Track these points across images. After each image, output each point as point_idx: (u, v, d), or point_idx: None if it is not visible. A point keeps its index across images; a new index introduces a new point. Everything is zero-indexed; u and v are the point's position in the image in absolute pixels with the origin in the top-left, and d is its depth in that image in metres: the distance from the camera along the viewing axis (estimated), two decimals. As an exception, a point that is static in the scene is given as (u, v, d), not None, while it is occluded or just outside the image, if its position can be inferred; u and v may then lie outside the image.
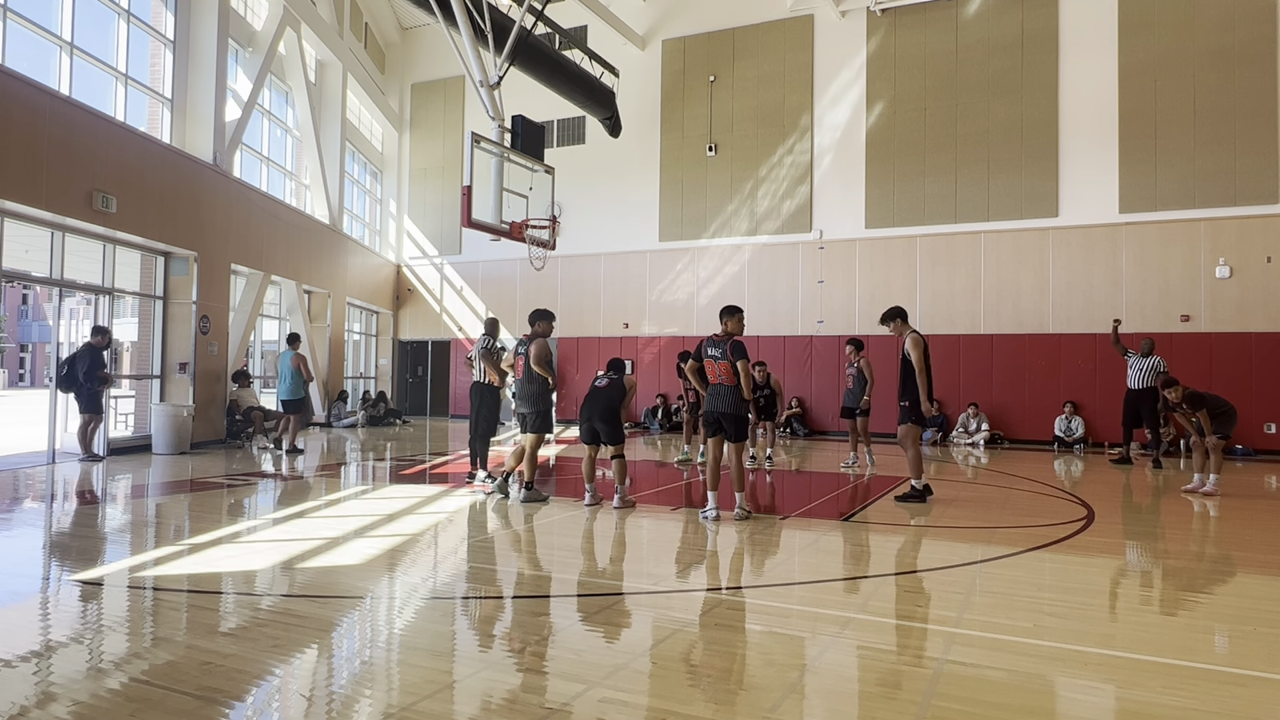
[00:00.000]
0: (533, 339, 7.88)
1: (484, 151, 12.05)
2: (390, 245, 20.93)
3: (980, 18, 15.57)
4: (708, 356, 7.10)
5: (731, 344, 7.00)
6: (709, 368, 7.09)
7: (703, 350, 7.18)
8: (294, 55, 16.31)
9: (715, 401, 7.03)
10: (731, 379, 6.97)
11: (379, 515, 7.09)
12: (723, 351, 7.00)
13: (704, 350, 7.15)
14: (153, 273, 12.58)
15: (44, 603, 4.45)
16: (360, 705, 3.07)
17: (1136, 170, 14.46)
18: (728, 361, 6.96)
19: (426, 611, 4.35)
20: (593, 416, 7.56)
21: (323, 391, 17.02)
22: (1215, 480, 8.61)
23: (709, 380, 7.14)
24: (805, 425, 16.32)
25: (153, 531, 6.48)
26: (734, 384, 6.97)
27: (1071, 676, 3.42)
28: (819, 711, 3.07)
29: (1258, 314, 13.66)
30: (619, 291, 18.34)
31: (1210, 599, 4.74)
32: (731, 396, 6.97)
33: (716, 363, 7.02)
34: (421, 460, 11.53)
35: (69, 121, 10.13)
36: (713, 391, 7.08)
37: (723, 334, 7.12)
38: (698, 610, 4.32)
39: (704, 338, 7.27)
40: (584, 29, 18.58)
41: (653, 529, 6.75)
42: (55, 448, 10.74)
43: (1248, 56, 13.78)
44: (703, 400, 7.27)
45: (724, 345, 7.02)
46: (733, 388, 6.97)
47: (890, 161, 16.14)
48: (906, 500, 7.87)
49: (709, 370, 7.10)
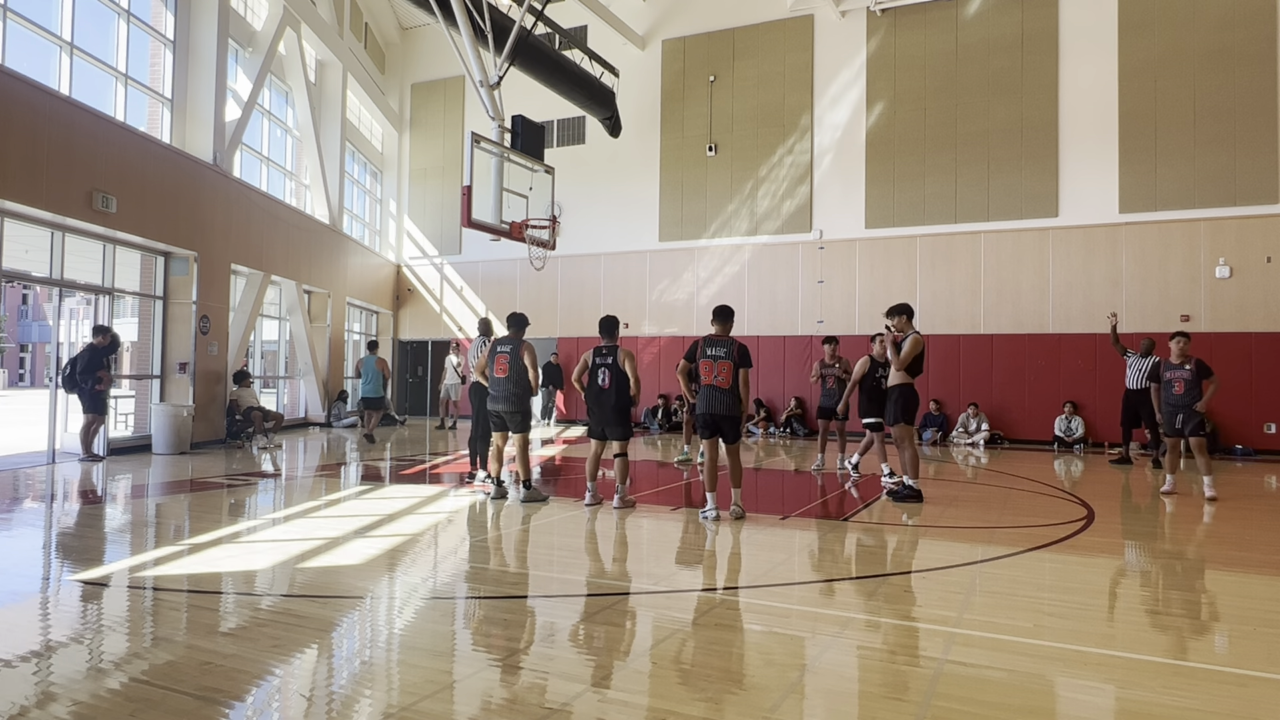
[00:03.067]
0: (519, 341, 7.86)
1: (484, 151, 12.06)
2: (390, 245, 20.93)
3: (980, 18, 15.57)
4: (706, 356, 7.01)
5: (738, 348, 6.95)
6: (706, 367, 6.99)
7: (699, 350, 7.10)
8: (294, 55, 16.31)
9: (711, 403, 6.97)
10: (728, 381, 6.94)
11: (379, 515, 7.09)
12: (727, 352, 6.95)
13: (701, 349, 7.07)
14: (153, 273, 12.58)
15: (44, 603, 4.45)
16: (360, 705, 3.07)
17: (1136, 170, 14.46)
18: (730, 363, 6.92)
19: (426, 611, 4.35)
20: (604, 417, 7.53)
21: (323, 392, 17.02)
22: (1209, 482, 8.26)
23: (703, 380, 7.03)
24: (805, 425, 16.32)
25: (153, 531, 6.48)
26: (729, 386, 6.93)
27: (1071, 676, 3.42)
28: (819, 711, 3.07)
29: (1258, 314, 13.66)
30: (619, 291, 18.34)
31: (1210, 599, 4.74)
32: (728, 398, 6.92)
33: (717, 362, 6.96)
34: (421, 460, 11.53)
35: (69, 121, 10.13)
36: (709, 393, 6.99)
37: (722, 334, 7.10)
38: (698, 610, 4.32)
39: (699, 338, 7.20)
40: (584, 29, 18.58)
41: (653, 529, 6.75)
42: (55, 448, 10.74)
43: (1248, 56, 13.78)
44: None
45: (729, 346, 6.96)
46: (729, 390, 6.93)
47: (890, 161, 16.14)
48: (903, 500, 7.87)
49: (705, 370, 7.00)
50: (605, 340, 7.64)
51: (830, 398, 10.30)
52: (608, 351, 7.55)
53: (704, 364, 7.02)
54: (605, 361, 7.52)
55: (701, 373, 7.04)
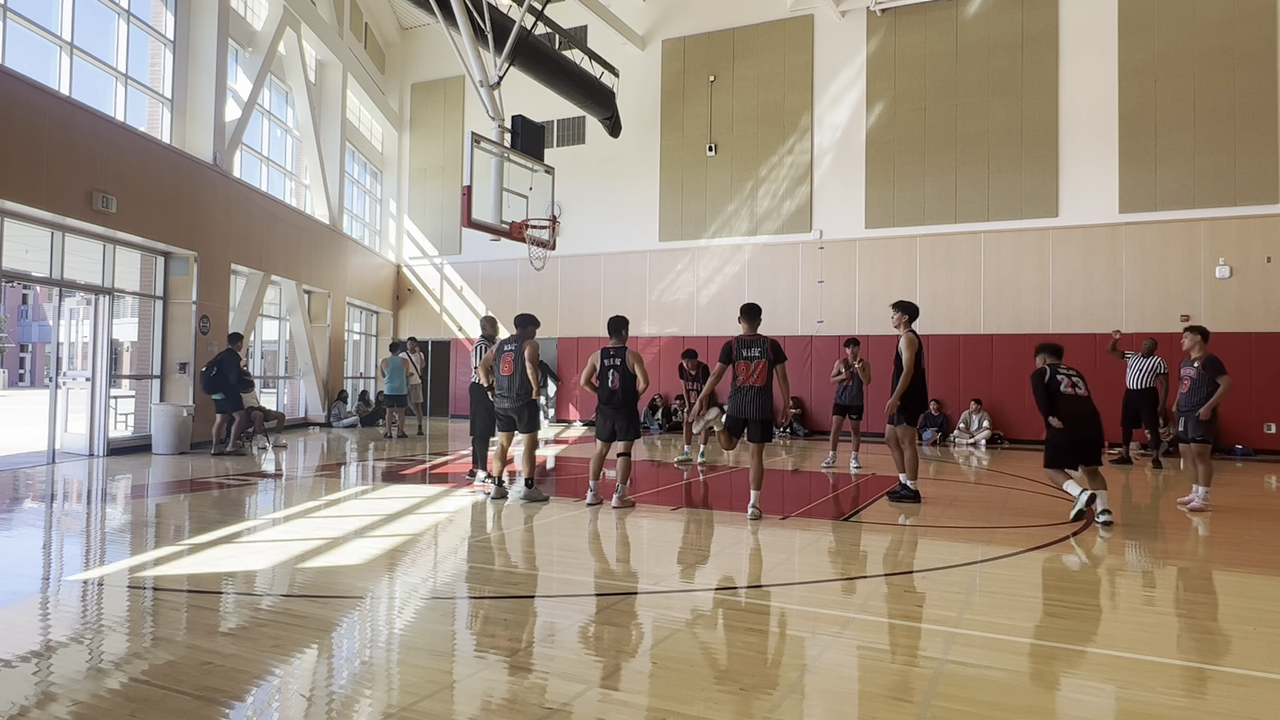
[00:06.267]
0: (524, 340, 7.87)
1: (484, 151, 12.05)
2: (390, 245, 20.92)
3: (980, 18, 15.57)
4: (743, 358, 6.95)
5: (772, 345, 6.96)
6: (743, 369, 6.94)
7: (734, 351, 7.00)
8: (294, 55, 16.31)
9: (743, 406, 6.95)
10: (763, 379, 6.93)
11: (379, 515, 7.09)
12: (761, 351, 6.94)
13: (737, 351, 6.99)
14: (153, 273, 12.58)
15: (44, 603, 4.45)
16: (360, 705, 3.07)
17: (1136, 170, 14.45)
18: (765, 361, 6.92)
19: (426, 611, 4.35)
20: (613, 418, 7.58)
21: (322, 392, 17.01)
22: (1204, 494, 7.74)
23: (739, 381, 6.97)
24: (805, 425, 16.32)
25: (153, 531, 6.48)
26: (765, 384, 6.94)
27: (1071, 676, 3.42)
28: (819, 711, 3.07)
29: (1258, 314, 13.66)
30: (619, 291, 18.33)
31: (1210, 599, 4.74)
32: (761, 399, 6.93)
33: (753, 363, 6.93)
34: (421, 460, 11.53)
35: (69, 121, 10.13)
36: (742, 394, 6.96)
37: (752, 333, 7.09)
38: (698, 610, 4.32)
39: (732, 338, 7.13)
40: (584, 29, 18.58)
41: (653, 529, 6.75)
42: (55, 448, 10.74)
43: (1248, 56, 13.78)
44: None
45: (762, 345, 6.95)
46: (763, 388, 6.93)
47: (890, 161, 16.14)
48: (900, 500, 7.88)
49: (742, 371, 6.95)
50: (614, 340, 7.67)
51: (846, 395, 10.70)
52: (615, 353, 7.59)
53: (740, 365, 7.00)
54: (613, 364, 7.56)
55: (739, 373, 7.00)
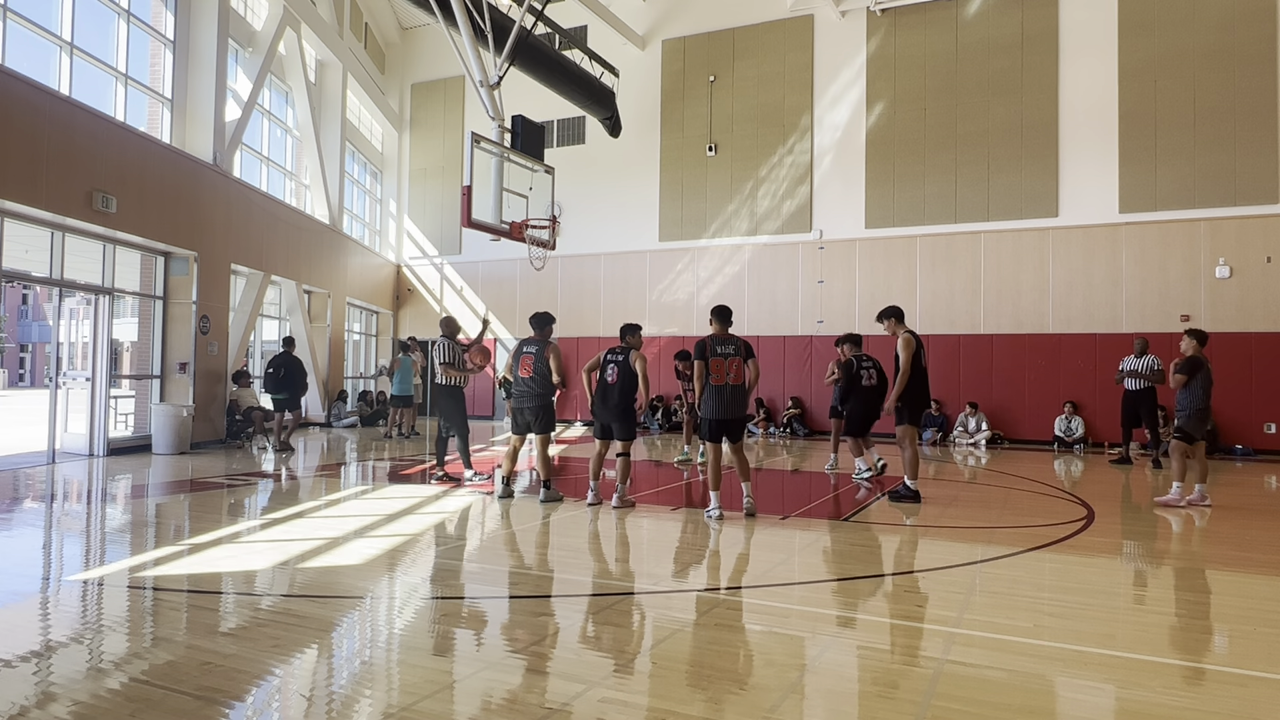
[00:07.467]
0: (544, 342, 7.86)
1: (484, 151, 12.05)
2: (390, 245, 20.92)
3: (980, 18, 15.57)
4: (717, 355, 6.95)
5: (744, 343, 7.07)
6: (716, 365, 6.95)
7: (708, 348, 6.99)
8: (294, 55, 16.31)
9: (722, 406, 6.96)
10: (740, 377, 6.97)
11: (379, 515, 7.09)
12: (735, 349, 6.98)
13: (711, 348, 6.98)
14: (153, 273, 12.57)
15: (44, 603, 4.45)
16: (360, 705, 3.07)
17: (1136, 170, 14.45)
18: (739, 359, 6.96)
19: (426, 611, 4.35)
20: (607, 416, 7.57)
21: (322, 392, 17.01)
22: (1178, 489, 7.82)
23: (714, 380, 6.96)
24: (804, 425, 16.32)
25: (153, 531, 6.47)
26: (740, 383, 6.97)
27: (1071, 676, 3.42)
28: (819, 711, 3.07)
29: (1258, 314, 13.66)
30: (619, 291, 18.34)
31: (1210, 599, 4.74)
32: (739, 398, 6.98)
33: (728, 359, 6.94)
34: (421, 460, 11.52)
35: (69, 121, 10.13)
36: (719, 393, 6.96)
37: (723, 333, 7.11)
38: (698, 610, 4.32)
39: (704, 337, 7.17)
40: (584, 29, 18.58)
41: (653, 529, 6.75)
42: (55, 447, 10.74)
43: (1248, 56, 13.78)
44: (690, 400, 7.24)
45: (735, 343, 7.01)
46: (739, 386, 6.97)
47: (890, 161, 16.13)
48: (900, 500, 7.88)
49: (716, 368, 6.95)
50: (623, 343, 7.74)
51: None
52: (621, 350, 7.62)
53: (714, 362, 6.98)
54: (616, 359, 7.58)
55: (713, 370, 6.99)
